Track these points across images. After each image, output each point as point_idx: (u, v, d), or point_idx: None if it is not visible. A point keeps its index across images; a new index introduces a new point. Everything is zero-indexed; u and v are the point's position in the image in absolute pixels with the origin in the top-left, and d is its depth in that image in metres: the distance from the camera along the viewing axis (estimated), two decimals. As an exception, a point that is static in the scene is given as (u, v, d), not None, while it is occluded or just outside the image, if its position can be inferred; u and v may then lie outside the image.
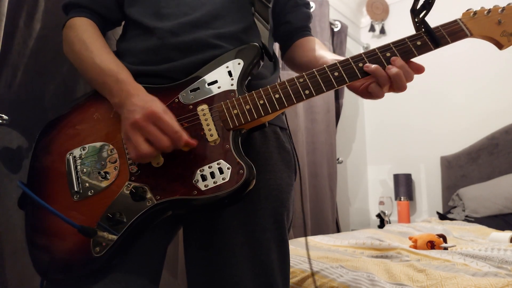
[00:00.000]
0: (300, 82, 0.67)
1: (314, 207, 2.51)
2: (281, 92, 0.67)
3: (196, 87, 0.71)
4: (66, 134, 0.74)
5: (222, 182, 0.62)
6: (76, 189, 0.68)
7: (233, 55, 0.72)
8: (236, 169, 0.62)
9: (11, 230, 1.00)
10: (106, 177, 0.67)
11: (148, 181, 0.65)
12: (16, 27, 1.04)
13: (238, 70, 0.70)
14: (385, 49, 0.68)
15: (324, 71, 0.68)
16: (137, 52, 0.79)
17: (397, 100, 3.20)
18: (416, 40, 0.69)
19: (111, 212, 0.63)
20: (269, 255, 0.72)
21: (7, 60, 1.02)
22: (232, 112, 0.67)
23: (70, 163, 0.70)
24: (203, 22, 0.77)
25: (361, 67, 0.67)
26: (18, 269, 1.00)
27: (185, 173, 0.64)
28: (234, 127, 0.66)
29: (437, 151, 2.95)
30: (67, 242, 0.65)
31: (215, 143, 0.66)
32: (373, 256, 1.37)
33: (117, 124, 0.69)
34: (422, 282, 0.99)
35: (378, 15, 3.38)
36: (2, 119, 0.99)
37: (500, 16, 0.68)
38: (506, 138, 2.57)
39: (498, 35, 0.68)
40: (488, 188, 2.42)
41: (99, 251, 0.62)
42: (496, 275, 1.00)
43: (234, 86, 0.69)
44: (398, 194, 2.98)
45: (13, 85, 1.04)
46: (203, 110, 0.68)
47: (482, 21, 0.69)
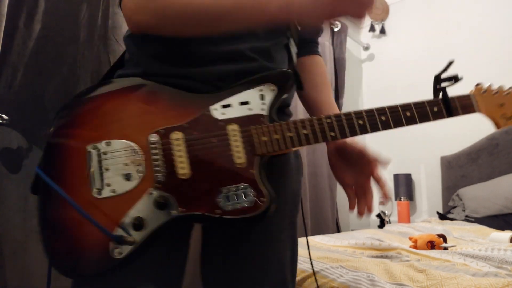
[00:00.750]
0: (328, 123, 0.71)
1: (314, 207, 2.51)
2: (309, 129, 0.70)
3: (228, 104, 0.70)
4: (91, 121, 0.68)
5: (244, 206, 0.64)
6: (98, 186, 0.64)
7: (268, 79, 0.72)
8: (259, 196, 0.65)
9: (11, 230, 1.00)
10: (129, 179, 0.65)
11: (173, 191, 0.65)
12: (16, 27, 1.04)
13: (271, 96, 0.71)
14: (406, 108, 0.73)
15: (350, 117, 0.72)
16: (169, 53, 0.74)
17: (397, 100, 3.19)
18: (434, 106, 0.74)
19: (133, 217, 0.63)
20: (284, 253, 0.77)
21: (7, 61, 1.02)
22: (261, 138, 0.68)
23: (92, 157, 0.65)
24: (241, 35, 0.75)
25: (383, 120, 0.73)
26: (18, 269, 1.00)
27: (210, 190, 0.65)
28: (261, 153, 0.68)
29: (437, 151, 2.95)
30: (86, 238, 0.64)
31: (241, 166, 0.67)
32: (373, 256, 1.37)
33: (146, 125, 0.67)
34: (422, 282, 0.99)
35: (378, 15, 3.38)
36: (2, 119, 0.99)
37: (503, 99, 0.76)
38: (506, 138, 2.57)
39: (498, 117, 0.76)
40: (488, 188, 2.42)
41: (120, 253, 0.62)
42: (496, 275, 1.00)
43: (265, 111, 0.70)
44: (398, 194, 2.98)
45: (13, 85, 1.04)
46: (233, 130, 0.68)
47: (489, 100, 0.76)
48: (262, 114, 0.69)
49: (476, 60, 2.79)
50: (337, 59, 3.00)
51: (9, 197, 1.01)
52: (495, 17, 2.80)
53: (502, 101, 0.76)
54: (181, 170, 0.65)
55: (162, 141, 0.66)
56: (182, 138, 0.66)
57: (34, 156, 1.09)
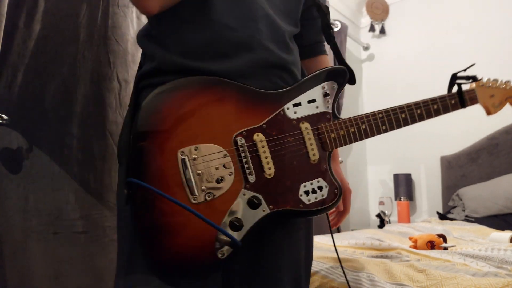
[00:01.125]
0: (380, 118, 0.80)
1: (314, 207, 2.51)
2: (367, 124, 0.79)
3: (298, 103, 0.74)
4: (174, 127, 0.66)
5: (321, 198, 0.72)
6: (194, 193, 0.64)
7: (329, 76, 0.77)
8: (332, 188, 0.74)
9: (11, 230, 1.00)
10: (222, 182, 0.66)
11: (262, 190, 0.69)
12: (16, 27, 1.04)
13: (333, 93, 0.77)
14: (434, 102, 0.86)
15: (396, 111, 0.82)
16: (189, 43, 0.73)
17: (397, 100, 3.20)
18: (452, 99, 0.88)
19: (231, 218, 0.66)
20: (299, 252, 0.79)
21: (7, 61, 1.02)
22: (330, 135, 0.75)
23: (186, 163, 0.64)
24: (258, 20, 0.75)
25: (419, 113, 0.83)
26: (18, 269, 1.00)
27: (292, 186, 0.71)
28: (331, 149, 0.76)
29: (437, 151, 2.95)
30: (192, 242, 0.65)
31: (315, 162, 0.74)
32: (373, 256, 1.37)
33: (227, 127, 0.68)
34: (422, 282, 0.99)
35: (378, 15, 3.38)
36: (2, 119, 0.99)
37: (494, 91, 0.93)
38: (506, 138, 2.56)
39: (490, 105, 0.94)
40: (488, 188, 2.42)
41: (223, 254, 0.65)
42: (496, 275, 1.00)
43: (329, 108, 0.76)
44: (398, 194, 2.98)
45: (13, 85, 1.04)
46: (307, 129, 0.74)
47: (485, 92, 0.92)
48: (328, 112, 0.76)
49: (476, 60, 2.79)
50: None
51: (9, 197, 1.01)
52: (495, 17, 2.80)
53: (493, 93, 0.93)
54: (268, 170, 0.69)
55: (248, 144, 0.68)
56: (264, 139, 0.70)
57: (34, 156, 1.09)
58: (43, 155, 1.12)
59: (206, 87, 0.70)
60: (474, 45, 2.83)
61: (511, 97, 0.95)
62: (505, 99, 0.94)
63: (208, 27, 0.73)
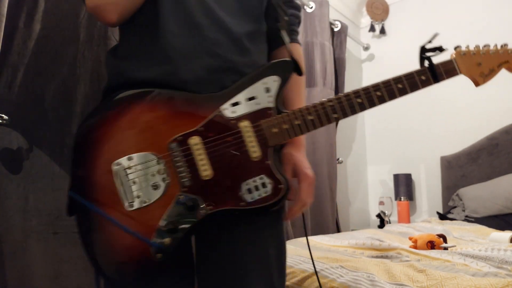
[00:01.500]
0: (330, 106, 0.75)
1: (314, 207, 2.51)
2: (314, 114, 0.74)
3: (236, 102, 0.73)
4: (109, 140, 0.72)
5: (264, 195, 0.70)
6: (129, 200, 0.69)
7: (270, 71, 0.75)
8: (276, 184, 0.71)
9: (11, 230, 1.00)
10: (157, 188, 0.70)
11: (199, 193, 0.70)
12: (16, 27, 1.04)
13: (275, 87, 0.74)
14: (398, 81, 0.77)
15: (350, 97, 0.76)
16: (138, 55, 0.77)
17: (397, 100, 3.20)
18: (421, 75, 0.78)
19: (168, 221, 0.69)
20: (267, 250, 0.79)
21: (7, 61, 1.02)
22: (271, 130, 0.72)
23: (119, 174, 0.70)
24: (205, 27, 0.77)
25: (379, 95, 0.76)
26: (18, 269, 1.00)
27: (232, 186, 0.71)
28: (274, 144, 0.73)
29: (437, 151, 2.95)
30: (128, 246, 0.69)
31: (257, 159, 0.72)
32: (373, 256, 1.37)
33: (163, 134, 0.71)
34: (422, 283, 0.99)
35: (378, 15, 3.38)
36: (2, 119, 0.99)
37: (481, 59, 0.80)
38: (506, 138, 2.56)
39: (477, 75, 0.81)
40: (488, 188, 2.42)
41: (160, 256, 0.68)
42: (496, 275, 1.00)
43: (271, 103, 0.73)
44: (398, 194, 2.98)
45: (13, 85, 1.04)
46: (246, 127, 0.72)
47: (468, 61, 0.80)
48: (270, 107, 0.73)
49: (476, 60, 2.79)
50: (337, 59, 3.00)
51: (9, 197, 1.01)
52: (495, 17, 2.80)
53: (480, 60, 0.81)
54: (204, 172, 0.70)
55: (182, 148, 0.70)
56: (200, 142, 0.70)
57: (34, 157, 1.09)
58: (43, 155, 1.12)
59: (139, 99, 0.73)
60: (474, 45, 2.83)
61: (508, 62, 0.81)
62: (498, 65, 0.81)
63: (156, 36, 0.76)
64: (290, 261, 1.27)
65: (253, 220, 0.77)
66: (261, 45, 0.86)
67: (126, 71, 0.76)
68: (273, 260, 0.79)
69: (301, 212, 0.82)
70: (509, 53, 0.81)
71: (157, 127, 0.71)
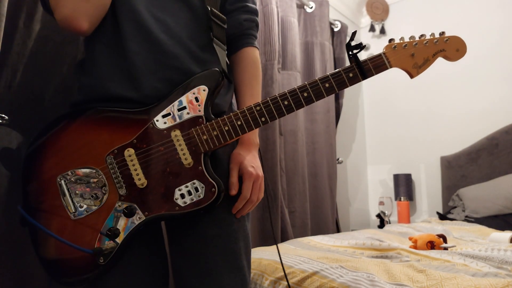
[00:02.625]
0: (257, 110, 0.78)
1: (314, 207, 2.51)
2: (242, 119, 0.78)
3: (168, 113, 0.78)
4: (53, 158, 0.79)
5: (198, 199, 0.75)
6: (72, 210, 0.76)
7: (198, 81, 0.79)
8: (209, 187, 0.75)
9: (11, 230, 1.00)
10: (97, 198, 0.76)
11: (136, 200, 0.75)
12: (16, 27, 1.04)
13: (204, 96, 0.78)
14: (325, 80, 0.78)
15: (276, 100, 0.78)
16: (104, 72, 0.82)
17: (397, 100, 3.20)
18: (349, 72, 0.78)
19: (107, 228, 0.74)
20: (237, 243, 0.84)
21: (6, 61, 1.02)
22: (202, 137, 0.77)
23: (62, 187, 0.77)
24: (164, 43, 0.82)
25: (306, 96, 0.77)
26: (18, 269, 1.00)
27: (166, 192, 0.75)
28: (204, 151, 0.77)
29: (437, 151, 2.95)
30: (74, 253, 0.75)
31: (189, 165, 0.76)
32: (373, 257, 1.37)
33: (101, 149, 0.77)
34: (422, 283, 0.99)
35: (378, 15, 3.38)
36: (2, 119, 0.99)
37: (414, 50, 0.80)
38: (506, 138, 2.57)
39: (410, 67, 0.80)
40: (488, 188, 2.42)
41: (103, 260, 0.73)
42: (496, 276, 1.00)
43: (201, 112, 0.78)
44: (398, 194, 2.98)
45: (13, 85, 1.04)
46: (176, 136, 0.77)
47: (400, 53, 0.80)
48: (200, 115, 0.78)
49: (477, 59, 2.79)
50: (337, 59, 3.00)
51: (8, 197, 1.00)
52: (495, 17, 2.80)
53: (413, 51, 0.80)
54: (138, 181, 0.75)
55: (117, 160, 0.76)
56: (133, 153, 0.76)
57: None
58: (43, 155, 1.11)
59: (80, 117, 0.80)
60: (474, 45, 2.83)
61: (444, 50, 0.79)
62: (433, 54, 0.79)
63: (117, 52, 0.82)
64: (290, 261, 1.27)
65: (218, 218, 0.83)
66: (215, 54, 0.89)
67: (94, 87, 0.82)
68: (243, 251, 0.85)
69: (249, 209, 0.86)
70: (444, 41, 0.80)
71: (96, 142, 0.78)
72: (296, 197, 2.30)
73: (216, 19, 0.88)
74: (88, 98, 0.82)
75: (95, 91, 0.82)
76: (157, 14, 0.83)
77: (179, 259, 0.85)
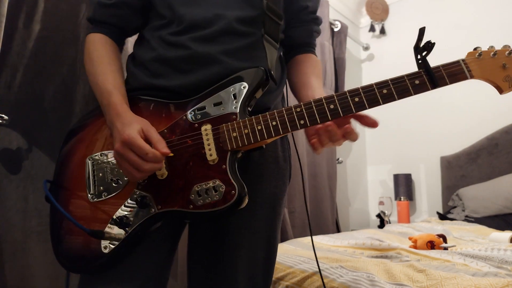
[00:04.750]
0: (297, 112, 0.70)
1: (314, 207, 2.51)
2: (278, 120, 0.71)
3: (203, 107, 0.75)
4: (87, 140, 0.80)
5: (215, 200, 0.68)
6: (92, 191, 0.75)
7: (239, 78, 0.75)
8: (229, 189, 0.68)
9: (11, 231, 1.00)
10: (117, 183, 0.74)
11: (152, 191, 0.72)
12: (16, 28, 1.04)
13: (242, 94, 0.74)
14: (382, 86, 0.68)
15: (321, 102, 0.69)
16: (149, 61, 0.82)
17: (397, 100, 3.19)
18: (415, 79, 0.67)
19: (120, 216, 0.71)
20: (256, 253, 0.82)
21: (6, 61, 1.02)
22: (231, 134, 0.71)
23: (88, 167, 0.76)
24: (215, 37, 0.80)
25: (356, 101, 0.68)
26: (18, 269, 1.00)
27: (184, 187, 0.71)
28: (231, 149, 0.71)
29: (437, 151, 2.95)
30: (81, 237, 0.73)
31: (213, 162, 0.71)
32: (373, 256, 1.37)
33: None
34: (422, 282, 0.99)
35: (377, 15, 3.38)
36: (2, 119, 0.99)
37: (506, 60, 0.66)
38: (506, 138, 2.56)
39: (500, 80, 0.65)
40: (488, 188, 2.42)
41: (107, 248, 0.71)
42: (496, 275, 1.00)
43: (236, 109, 0.73)
44: (398, 194, 2.98)
45: (13, 85, 1.04)
46: (206, 130, 0.73)
47: (487, 63, 0.66)
48: (234, 112, 0.73)
49: (476, 60, 2.79)
50: (337, 59, 3.00)
51: (9, 198, 1.00)
52: (495, 17, 2.80)
53: (504, 62, 0.65)
54: (158, 172, 0.72)
55: None
56: None
57: (34, 157, 1.09)
58: (43, 155, 1.12)
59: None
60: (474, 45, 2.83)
61: None
62: None
63: (168, 45, 0.81)
64: (290, 261, 1.27)
65: (245, 224, 0.81)
66: (263, 50, 0.86)
67: (143, 78, 0.82)
68: (261, 262, 0.83)
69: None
70: None
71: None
72: (296, 197, 2.30)
73: (271, 15, 0.85)
74: (133, 86, 0.82)
75: (145, 81, 0.82)
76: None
77: (197, 264, 0.84)
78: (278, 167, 0.88)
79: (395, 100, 0.67)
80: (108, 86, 0.77)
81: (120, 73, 0.82)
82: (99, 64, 0.81)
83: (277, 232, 0.88)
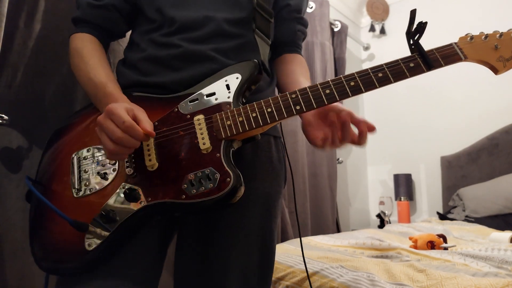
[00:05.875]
0: (292, 98, 0.70)
1: (315, 207, 2.51)
2: (273, 106, 0.70)
3: (195, 98, 0.74)
4: (73, 138, 0.79)
5: (209, 188, 0.65)
6: (77, 186, 0.72)
7: (233, 70, 0.75)
8: (224, 177, 0.65)
9: (11, 230, 1.00)
10: (105, 177, 0.72)
11: (141, 183, 0.69)
12: (16, 27, 1.04)
13: (236, 84, 0.73)
14: (377, 70, 0.69)
15: (316, 88, 0.69)
16: (139, 61, 0.82)
17: (397, 100, 3.20)
18: (410, 62, 0.68)
19: (106, 210, 0.68)
20: (249, 256, 0.78)
21: (7, 61, 1.02)
22: (225, 123, 0.70)
23: (74, 163, 0.75)
24: (206, 38, 0.81)
25: (352, 85, 0.68)
26: (18, 269, 1.00)
27: (176, 178, 0.68)
28: (226, 137, 0.69)
29: (437, 151, 2.95)
30: (63, 234, 0.69)
31: (206, 151, 0.69)
32: (373, 256, 1.37)
33: None
34: (422, 282, 0.99)
35: (378, 15, 3.38)
36: (2, 119, 0.99)
37: (498, 42, 0.68)
38: (506, 138, 2.56)
39: (494, 60, 0.68)
40: (488, 188, 2.42)
41: (91, 245, 0.66)
42: (496, 275, 1.00)
43: (230, 98, 0.72)
44: (398, 194, 2.98)
45: (13, 85, 1.04)
46: (198, 120, 0.72)
47: (479, 45, 0.69)
48: (228, 102, 0.72)
49: (476, 60, 2.79)
50: (337, 59, 3.00)
51: (9, 197, 1.00)
52: (495, 17, 2.80)
53: (496, 43, 0.68)
54: (148, 162, 0.70)
55: None
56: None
57: (34, 156, 1.09)
58: (43, 155, 1.12)
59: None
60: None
61: None
62: None
63: (159, 46, 0.82)
64: (290, 261, 1.27)
65: (235, 225, 0.78)
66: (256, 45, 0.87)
67: (132, 76, 0.82)
68: (255, 266, 0.79)
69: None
70: None
71: None
72: (296, 197, 2.30)
73: (261, 11, 0.86)
74: (123, 84, 0.81)
75: (130, 77, 0.82)
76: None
77: (184, 262, 0.80)
78: (272, 167, 0.86)
79: (391, 83, 0.68)
80: (102, 78, 0.77)
81: (110, 69, 0.82)
82: (89, 59, 0.80)
83: (273, 236, 0.84)
